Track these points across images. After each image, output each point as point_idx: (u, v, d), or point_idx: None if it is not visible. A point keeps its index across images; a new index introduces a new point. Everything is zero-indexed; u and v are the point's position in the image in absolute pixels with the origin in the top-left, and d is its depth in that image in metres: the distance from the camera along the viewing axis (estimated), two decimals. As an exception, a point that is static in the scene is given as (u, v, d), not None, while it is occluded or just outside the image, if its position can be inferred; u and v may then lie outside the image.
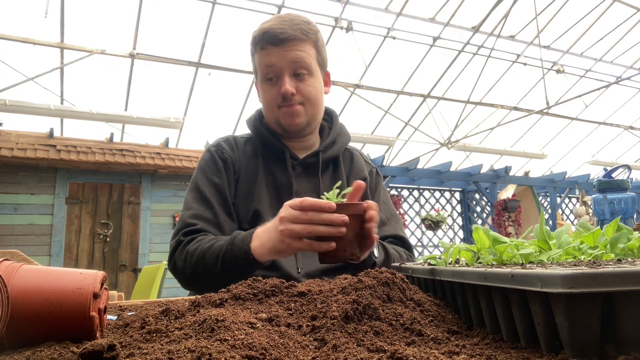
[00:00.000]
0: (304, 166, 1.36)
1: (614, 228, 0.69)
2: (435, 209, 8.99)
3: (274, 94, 1.28)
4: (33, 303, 0.53)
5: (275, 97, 1.29)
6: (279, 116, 1.30)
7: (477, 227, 0.70)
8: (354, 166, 1.45)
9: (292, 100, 1.28)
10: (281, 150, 1.35)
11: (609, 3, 7.11)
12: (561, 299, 0.41)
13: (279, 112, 1.30)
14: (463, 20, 6.81)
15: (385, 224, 1.37)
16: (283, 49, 1.25)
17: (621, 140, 10.12)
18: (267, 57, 1.27)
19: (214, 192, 1.28)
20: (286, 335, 0.50)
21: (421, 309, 0.61)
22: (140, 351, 0.45)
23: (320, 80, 1.35)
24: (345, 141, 1.45)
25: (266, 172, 1.34)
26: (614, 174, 4.18)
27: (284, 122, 1.30)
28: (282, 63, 1.26)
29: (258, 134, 1.37)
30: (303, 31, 1.28)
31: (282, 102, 1.28)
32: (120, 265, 6.46)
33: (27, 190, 6.10)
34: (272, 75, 1.28)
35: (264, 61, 1.28)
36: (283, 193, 1.32)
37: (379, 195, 1.45)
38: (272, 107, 1.31)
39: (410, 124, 7.87)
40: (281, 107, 1.29)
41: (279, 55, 1.26)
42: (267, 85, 1.30)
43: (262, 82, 1.32)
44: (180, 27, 5.98)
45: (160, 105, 6.47)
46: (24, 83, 5.48)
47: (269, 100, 1.31)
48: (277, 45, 1.25)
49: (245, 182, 1.32)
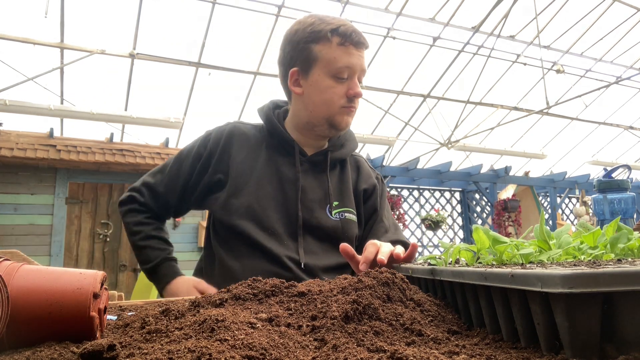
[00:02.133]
0: (311, 163, 1.36)
1: (614, 228, 0.69)
2: (435, 209, 8.99)
3: (341, 92, 1.28)
4: (33, 303, 0.53)
5: (341, 96, 1.28)
6: (336, 114, 1.30)
7: (477, 227, 0.70)
8: (362, 173, 1.47)
9: (355, 103, 1.31)
10: (290, 144, 1.35)
11: (609, 3, 7.10)
12: (561, 299, 0.41)
13: (338, 110, 1.29)
14: (463, 20, 6.81)
15: (388, 232, 1.41)
16: (360, 54, 1.29)
17: (621, 140, 10.12)
18: (347, 55, 1.26)
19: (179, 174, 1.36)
20: (286, 335, 0.50)
21: (421, 309, 0.61)
22: (140, 351, 0.45)
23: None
24: (353, 147, 1.46)
25: (270, 164, 1.33)
26: (614, 174, 4.18)
27: (339, 120, 1.30)
28: (357, 67, 1.28)
29: (271, 125, 1.37)
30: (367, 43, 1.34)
31: (347, 102, 1.29)
32: (120, 265, 6.46)
33: (27, 190, 6.09)
34: (347, 75, 1.28)
35: (344, 59, 1.26)
36: (288, 187, 1.32)
37: (384, 202, 1.49)
38: (334, 104, 1.29)
39: (410, 124, 7.87)
40: (344, 107, 1.29)
41: (358, 58, 1.28)
42: (335, 81, 1.28)
43: (327, 77, 1.28)
44: (180, 27, 5.98)
45: (160, 105, 6.47)
46: (24, 83, 5.48)
47: (333, 97, 1.28)
48: (358, 48, 1.28)
49: (240, 170, 1.32)
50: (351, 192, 1.41)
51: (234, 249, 1.28)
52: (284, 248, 1.26)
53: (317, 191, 1.34)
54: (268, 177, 1.31)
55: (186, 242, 6.76)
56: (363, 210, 1.44)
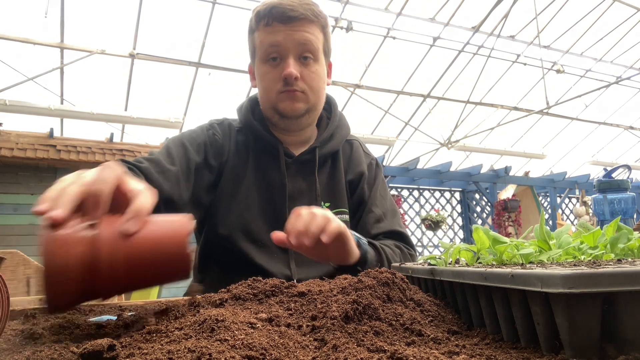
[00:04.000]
0: (299, 164, 1.24)
1: (614, 228, 0.69)
2: (435, 209, 8.99)
3: (275, 76, 1.16)
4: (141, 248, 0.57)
5: (276, 80, 1.16)
6: (277, 101, 1.18)
7: (477, 227, 0.70)
8: (352, 161, 1.33)
9: (294, 85, 1.15)
10: (274, 146, 1.22)
11: (609, 3, 7.10)
12: (561, 299, 0.41)
13: (277, 96, 1.17)
14: (463, 20, 6.81)
15: (380, 221, 1.26)
16: (291, 28, 1.13)
17: (621, 140, 10.12)
18: (272, 34, 1.14)
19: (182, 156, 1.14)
20: (286, 335, 0.50)
21: (421, 309, 0.61)
22: (140, 351, 0.45)
23: (324, 68, 1.24)
24: (345, 134, 1.33)
25: (257, 169, 1.22)
26: (614, 174, 4.18)
27: (282, 107, 1.18)
28: (288, 43, 1.14)
29: (249, 127, 1.25)
30: (314, 12, 1.17)
31: (284, 86, 1.15)
32: (120, 265, 6.46)
33: (27, 190, 6.09)
34: (276, 55, 1.15)
35: (268, 39, 1.15)
36: (276, 195, 1.20)
37: (376, 190, 1.33)
38: (271, 90, 1.18)
39: (410, 124, 7.87)
40: (282, 92, 1.16)
41: (286, 34, 1.13)
42: (268, 66, 1.17)
43: (261, 63, 1.18)
44: (180, 27, 5.98)
45: (160, 105, 6.47)
46: (24, 83, 5.48)
47: (268, 83, 1.18)
48: (285, 23, 1.13)
49: (231, 176, 1.20)
50: (344, 189, 1.28)
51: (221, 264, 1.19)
52: (275, 262, 1.16)
53: (305, 195, 1.22)
54: (256, 184, 1.20)
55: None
56: (350, 204, 1.29)
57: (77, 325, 0.64)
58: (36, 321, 0.68)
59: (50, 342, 0.55)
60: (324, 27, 1.22)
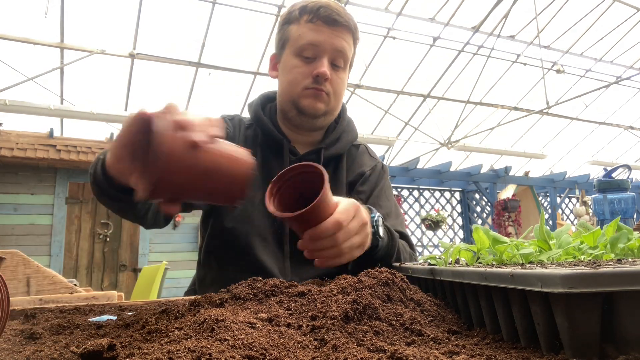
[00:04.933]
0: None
1: (614, 228, 0.69)
2: (435, 209, 8.99)
3: (305, 71, 1.17)
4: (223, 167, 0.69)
5: (305, 76, 1.17)
6: (301, 96, 1.19)
7: (477, 227, 0.70)
8: (355, 163, 1.35)
9: (323, 85, 1.17)
10: (280, 142, 1.24)
11: (609, 3, 7.10)
12: (561, 299, 0.41)
13: (302, 92, 1.18)
14: (463, 20, 6.81)
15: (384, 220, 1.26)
16: (333, 32, 1.16)
17: (621, 140, 10.12)
18: (314, 32, 1.15)
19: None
20: (286, 335, 0.50)
21: (421, 309, 0.61)
22: (140, 351, 0.45)
23: (347, 77, 1.28)
24: (351, 139, 1.34)
25: (263, 164, 1.24)
26: (614, 174, 4.18)
27: (304, 103, 1.19)
28: (327, 45, 1.16)
29: (258, 122, 1.27)
30: (354, 24, 1.20)
31: (312, 83, 1.17)
32: (120, 265, 6.46)
33: (27, 190, 6.10)
34: (312, 54, 1.17)
35: (308, 35, 1.15)
36: None
37: (380, 190, 1.34)
38: (298, 85, 1.18)
39: (410, 124, 7.87)
40: (308, 88, 1.17)
41: (328, 36, 1.15)
42: (300, 61, 1.18)
43: (293, 56, 1.19)
44: (180, 27, 5.98)
45: (160, 105, 6.47)
46: (24, 83, 5.48)
47: (297, 76, 1.18)
48: (329, 25, 1.16)
49: None
50: (344, 191, 1.29)
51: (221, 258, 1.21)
52: (273, 257, 1.18)
53: None
54: (261, 178, 1.21)
55: (186, 242, 6.77)
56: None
57: (77, 325, 0.64)
58: (36, 321, 0.68)
59: (50, 342, 0.55)
60: (355, 40, 1.26)
